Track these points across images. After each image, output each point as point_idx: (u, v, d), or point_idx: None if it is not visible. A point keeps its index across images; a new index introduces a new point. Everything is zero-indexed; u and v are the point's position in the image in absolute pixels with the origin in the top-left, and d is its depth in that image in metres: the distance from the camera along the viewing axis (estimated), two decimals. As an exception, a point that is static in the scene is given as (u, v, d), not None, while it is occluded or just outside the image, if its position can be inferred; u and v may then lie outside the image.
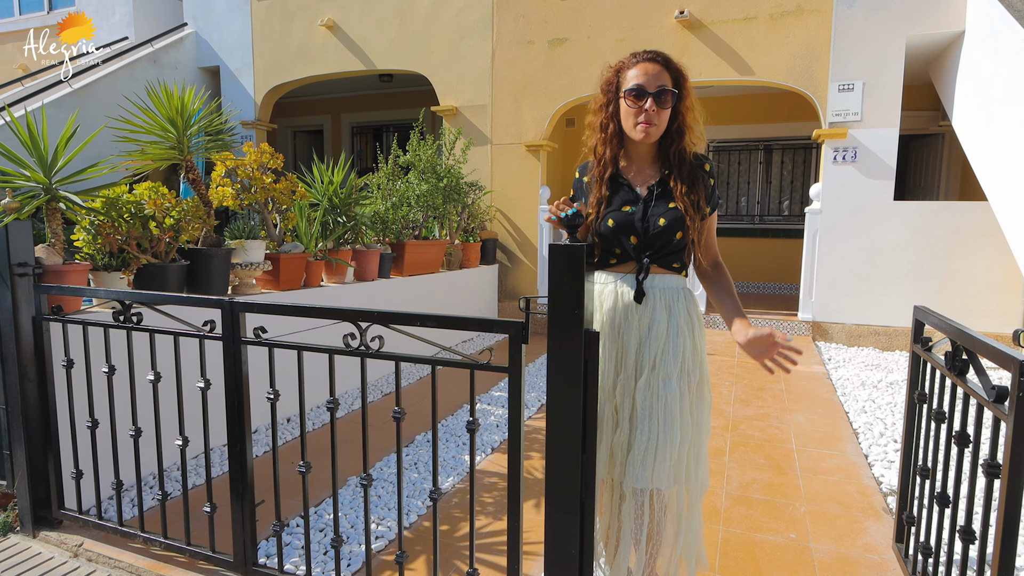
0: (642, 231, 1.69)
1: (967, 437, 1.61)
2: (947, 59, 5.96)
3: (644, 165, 1.78)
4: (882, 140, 5.79)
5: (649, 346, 1.67)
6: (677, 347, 1.67)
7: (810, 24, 5.92)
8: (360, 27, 7.72)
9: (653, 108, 1.64)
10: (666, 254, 1.70)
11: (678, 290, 1.72)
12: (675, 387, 1.65)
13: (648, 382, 1.66)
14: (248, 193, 3.69)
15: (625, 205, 1.73)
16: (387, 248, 5.04)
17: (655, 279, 1.71)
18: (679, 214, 1.67)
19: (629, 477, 1.67)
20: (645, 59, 1.68)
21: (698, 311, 1.76)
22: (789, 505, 2.68)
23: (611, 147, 1.76)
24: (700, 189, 1.70)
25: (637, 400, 1.67)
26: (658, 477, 1.64)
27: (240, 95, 8.55)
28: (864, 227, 5.91)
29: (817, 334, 6.17)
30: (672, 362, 1.66)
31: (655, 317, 1.68)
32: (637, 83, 1.65)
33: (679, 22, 6.26)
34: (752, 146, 8.82)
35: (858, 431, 3.62)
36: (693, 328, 1.71)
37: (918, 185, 8.44)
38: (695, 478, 1.70)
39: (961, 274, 5.65)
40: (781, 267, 8.58)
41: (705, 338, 1.78)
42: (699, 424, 1.71)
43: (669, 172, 1.72)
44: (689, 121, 1.73)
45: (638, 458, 1.65)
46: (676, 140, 1.72)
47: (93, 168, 2.75)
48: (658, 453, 1.63)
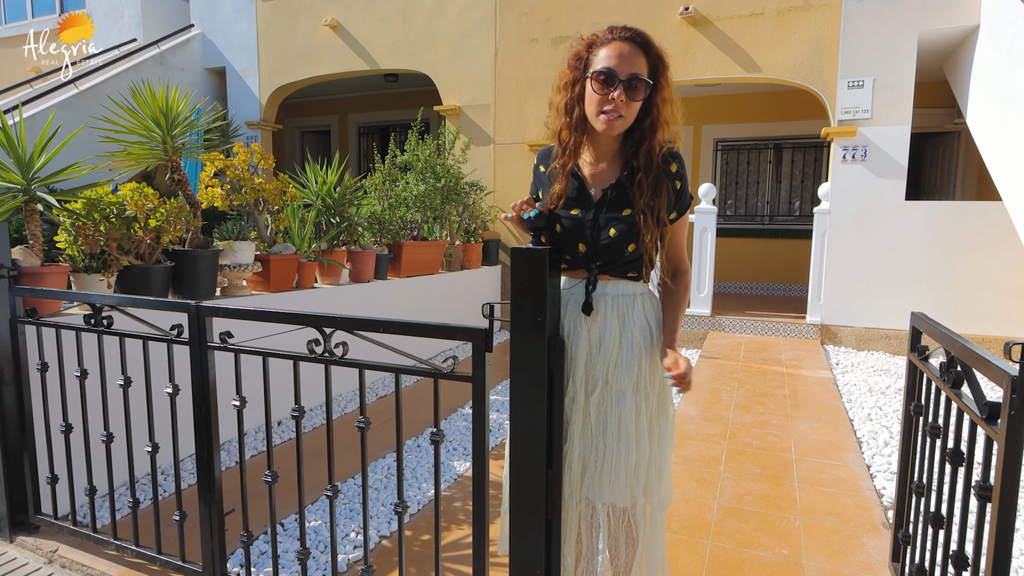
0: (591, 240, 1.54)
1: (960, 455, 1.51)
2: (961, 54, 5.79)
3: (604, 161, 1.59)
4: (893, 138, 5.63)
5: (600, 360, 1.55)
6: (631, 360, 1.55)
7: (819, 19, 5.77)
8: (363, 27, 7.69)
9: (622, 98, 1.44)
10: (618, 265, 1.56)
11: (634, 296, 1.58)
12: (630, 403, 1.54)
13: (602, 397, 1.55)
14: (238, 194, 3.65)
15: (575, 208, 1.56)
16: (384, 249, 4.98)
17: (607, 286, 1.57)
18: (633, 225, 1.50)
19: (586, 495, 1.58)
20: (621, 37, 1.48)
21: (658, 315, 1.63)
22: (783, 518, 2.57)
23: (576, 135, 1.56)
24: (663, 196, 1.52)
25: (591, 415, 1.56)
26: (613, 493, 1.54)
27: (246, 96, 8.56)
28: (874, 228, 5.75)
29: (826, 338, 6.02)
30: (626, 376, 1.54)
31: (606, 328, 1.56)
32: (607, 66, 1.45)
33: (684, 19, 6.14)
34: (762, 145, 8.66)
35: (862, 440, 3.50)
36: (651, 338, 1.59)
37: (933, 184, 8.23)
38: (657, 494, 1.60)
39: (975, 276, 5.47)
40: (792, 268, 8.41)
41: None
42: (660, 440, 1.60)
43: (630, 174, 1.53)
44: (665, 116, 1.54)
45: (595, 474, 1.55)
46: (647, 137, 1.53)
47: (72, 168, 2.71)
48: (613, 470, 1.53)
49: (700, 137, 8.76)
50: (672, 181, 1.55)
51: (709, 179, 8.80)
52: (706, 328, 6.32)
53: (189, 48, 8.66)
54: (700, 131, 8.75)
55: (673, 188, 1.55)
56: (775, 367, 5.05)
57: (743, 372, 4.90)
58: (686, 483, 2.89)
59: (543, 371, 1.46)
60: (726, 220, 8.84)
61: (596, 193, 1.57)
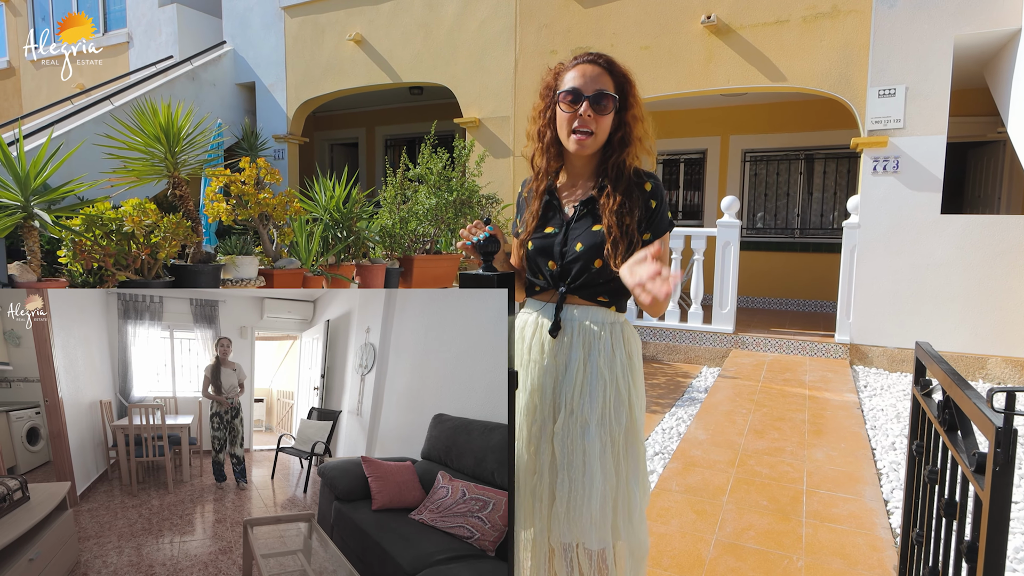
0: (559, 256, 1.52)
1: (954, 506, 1.36)
2: (1002, 60, 5.48)
3: (580, 180, 1.60)
4: (928, 148, 5.35)
5: (566, 386, 1.49)
6: (595, 390, 1.48)
7: (847, 26, 5.55)
8: (386, 40, 7.77)
9: (589, 113, 1.46)
10: (585, 285, 1.51)
11: (603, 325, 1.52)
12: (594, 436, 1.46)
13: (566, 427, 1.48)
14: (243, 209, 3.68)
15: (549, 226, 1.56)
16: (395, 263, 4.96)
17: (576, 311, 1.53)
18: (600, 238, 1.48)
19: (555, 531, 1.50)
20: (584, 60, 1.52)
21: (631, 349, 1.55)
22: (785, 558, 2.40)
23: (547, 156, 1.59)
24: (634, 208, 1.49)
25: (556, 446, 1.49)
26: (581, 531, 1.46)
27: (274, 110, 8.74)
28: (907, 243, 5.47)
29: (855, 358, 5.74)
30: (590, 407, 1.47)
31: (572, 354, 1.50)
32: (573, 85, 1.49)
33: (706, 27, 5.99)
34: (792, 156, 8.38)
35: (882, 472, 3.28)
36: (617, 369, 1.50)
37: (977, 197, 7.82)
38: (629, 537, 1.50)
39: (1017, 295, 5.13)
40: (823, 284, 8.09)
41: (640, 381, 1.56)
42: (626, 478, 1.50)
43: (601, 189, 1.52)
44: (636, 133, 1.55)
45: (560, 510, 1.47)
46: (616, 151, 1.53)
47: (72, 183, 2.76)
48: (576, 506, 1.45)
49: (728, 148, 8.54)
50: (646, 200, 1.53)
51: (736, 191, 8.56)
52: (728, 346, 6.11)
53: (221, 64, 8.90)
54: (727, 141, 8.53)
55: (646, 206, 1.53)
56: (797, 388, 4.82)
57: (762, 394, 4.69)
58: (684, 514, 2.75)
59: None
60: (755, 233, 8.58)
61: (568, 211, 1.58)
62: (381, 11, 7.75)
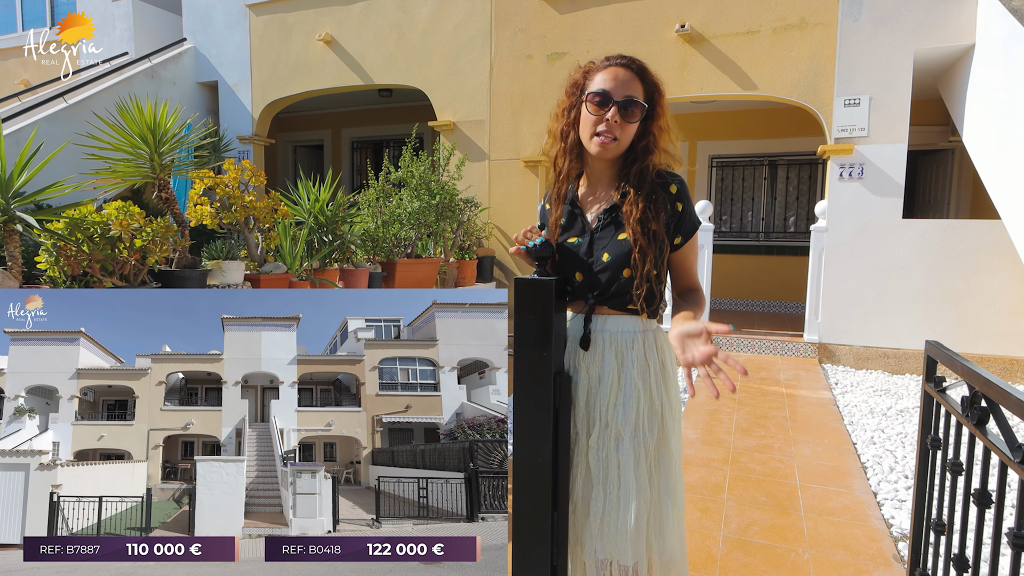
0: (586, 267, 1.48)
1: (988, 496, 1.43)
2: (957, 73, 5.80)
3: (601, 187, 1.56)
4: (890, 156, 5.62)
5: (599, 399, 1.47)
6: (629, 402, 1.46)
7: (815, 38, 5.78)
8: (358, 42, 7.65)
9: (616, 119, 1.42)
10: (614, 295, 1.48)
11: (634, 334, 1.50)
12: (628, 448, 1.45)
13: (600, 440, 1.46)
14: (228, 212, 3.56)
15: (572, 235, 1.53)
16: (377, 267, 4.90)
17: (606, 321, 1.51)
18: (627, 247, 1.44)
19: (588, 547, 1.47)
20: (617, 63, 1.47)
21: (664, 357, 1.53)
22: (792, 551, 2.48)
23: (569, 159, 1.54)
24: (659, 214, 1.45)
25: (590, 460, 1.47)
26: (615, 548, 1.43)
27: (238, 110, 8.49)
28: (872, 246, 5.72)
29: (824, 356, 5.96)
30: (623, 419, 1.46)
31: (604, 366, 1.48)
32: (602, 87, 1.44)
33: (680, 36, 6.13)
34: (757, 161, 8.66)
35: (866, 465, 3.42)
36: (651, 379, 1.49)
37: (928, 202, 8.24)
38: (660, 552, 1.47)
39: (973, 295, 5.44)
40: (787, 285, 8.38)
41: (673, 389, 1.54)
42: (660, 492, 1.48)
43: (624, 196, 1.48)
44: (662, 143, 1.52)
45: (594, 526, 1.45)
46: (640, 159, 1.49)
47: (56, 186, 2.62)
48: (612, 522, 1.43)
49: (695, 154, 8.75)
50: (672, 203, 1.50)
51: (704, 196, 8.78)
52: (703, 346, 6.24)
53: (181, 62, 8.59)
54: (695, 148, 8.74)
55: (673, 209, 1.50)
56: (774, 387, 4.98)
57: (742, 392, 4.82)
58: (689, 512, 2.80)
59: (548, 410, 1.38)
60: (721, 236, 8.81)
61: (592, 220, 1.54)
62: (352, 11, 7.64)
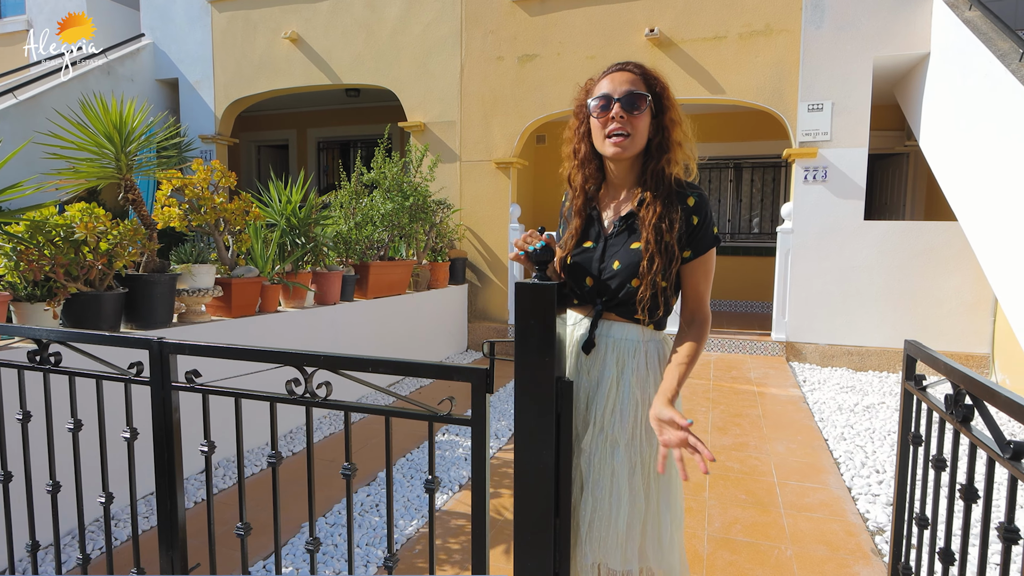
0: (597, 273, 1.49)
1: (975, 492, 1.47)
2: (913, 80, 6.02)
3: (620, 193, 1.56)
4: (851, 160, 5.80)
5: (597, 403, 1.48)
6: (627, 409, 1.46)
7: (779, 44, 5.92)
8: (325, 40, 7.52)
9: (621, 114, 1.42)
10: (621, 302, 1.48)
11: (637, 343, 1.50)
12: (622, 457, 1.45)
13: (595, 444, 1.47)
14: (197, 214, 3.45)
15: (588, 240, 1.53)
16: (350, 270, 4.81)
17: (611, 327, 1.51)
18: (637, 257, 1.44)
19: (577, 550, 1.47)
20: (615, 69, 1.49)
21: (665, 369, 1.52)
22: (775, 548, 2.52)
23: (584, 172, 1.56)
24: (674, 223, 1.44)
25: (582, 463, 1.48)
26: (604, 552, 1.44)
27: (200, 108, 8.25)
28: (835, 246, 5.90)
29: (791, 355, 6.11)
30: (619, 426, 1.46)
31: (604, 371, 1.49)
32: (602, 92, 1.46)
33: (649, 40, 6.21)
34: (722, 164, 8.84)
35: (839, 460, 3.51)
36: (650, 390, 1.48)
37: (885, 204, 8.54)
38: (659, 563, 1.47)
39: (931, 293, 5.65)
40: (753, 285, 8.57)
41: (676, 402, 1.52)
42: (656, 502, 1.48)
43: (641, 203, 1.48)
44: (675, 137, 1.51)
45: (583, 529, 1.46)
46: (655, 158, 1.49)
47: (14, 188, 2.49)
48: (602, 527, 1.44)
49: (663, 156, 8.87)
50: (688, 215, 1.47)
51: (672, 197, 8.91)
52: (675, 346, 6.33)
53: (139, 58, 8.30)
54: (663, 150, 8.86)
55: (687, 221, 1.47)
56: (746, 386, 5.08)
57: (715, 391, 4.90)
58: (673, 512, 2.82)
59: (551, 414, 1.36)
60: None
61: (608, 225, 1.54)
62: (319, 10, 7.50)
